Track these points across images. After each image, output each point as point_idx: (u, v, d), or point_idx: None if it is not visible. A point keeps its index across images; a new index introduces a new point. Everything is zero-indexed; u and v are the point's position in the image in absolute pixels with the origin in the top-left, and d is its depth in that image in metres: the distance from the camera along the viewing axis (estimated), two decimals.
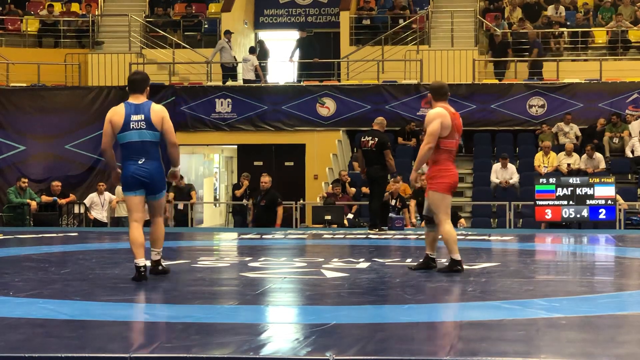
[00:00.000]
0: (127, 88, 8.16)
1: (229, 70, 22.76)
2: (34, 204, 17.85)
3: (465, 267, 8.71)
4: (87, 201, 18.10)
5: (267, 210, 16.51)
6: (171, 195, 18.64)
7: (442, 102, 8.52)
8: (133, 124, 7.83)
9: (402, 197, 16.58)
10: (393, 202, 16.23)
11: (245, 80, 22.00)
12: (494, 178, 19.02)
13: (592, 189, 15.79)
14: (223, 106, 21.22)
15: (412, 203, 16.50)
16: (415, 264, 8.89)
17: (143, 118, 7.84)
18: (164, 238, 8.16)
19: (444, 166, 8.38)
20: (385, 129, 14.83)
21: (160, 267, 8.16)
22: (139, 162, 7.86)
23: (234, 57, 22.81)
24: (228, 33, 22.57)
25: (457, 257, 8.43)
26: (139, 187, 7.90)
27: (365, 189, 16.97)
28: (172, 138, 7.98)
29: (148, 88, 8.08)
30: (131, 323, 5.98)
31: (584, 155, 19.22)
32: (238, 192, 18.54)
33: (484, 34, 23.29)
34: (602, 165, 19.13)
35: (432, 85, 8.95)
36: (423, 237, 8.98)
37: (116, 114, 7.90)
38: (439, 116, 8.35)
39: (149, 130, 7.85)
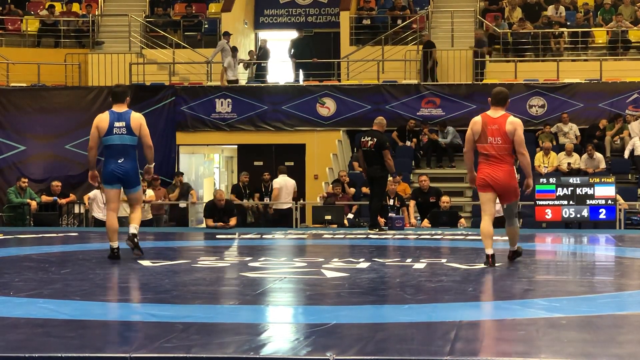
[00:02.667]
0: (110, 99, 9.76)
1: None
2: (34, 204, 17.82)
3: (465, 267, 8.71)
4: (91, 194, 17.54)
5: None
6: (172, 194, 18.69)
7: (493, 107, 9.07)
8: (116, 129, 9.40)
9: (401, 196, 16.56)
10: (391, 202, 16.21)
11: (229, 81, 21.86)
12: None
13: (592, 188, 15.78)
14: (223, 106, 21.21)
15: (412, 203, 16.48)
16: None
17: (124, 125, 9.40)
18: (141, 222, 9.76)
19: (479, 167, 9.12)
20: (386, 129, 14.83)
21: (136, 239, 9.52)
22: (119, 161, 9.43)
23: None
24: (227, 35, 22.56)
25: (488, 251, 8.97)
26: (117, 181, 9.50)
27: (365, 189, 16.96)
28: (148, 141, 9.55)
29: (128, 98, 9.69)
30: (131, 323, 5.97)
31: (584, 155, 19.21)
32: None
33: (483, 33, 23.27)
34: (602, 165, 19.12)
35: (493, 90, 9.34)
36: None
37: (102, 120, 9.48)
38: (470, 123, 9.10)
39: (128, 135, 9.43)
